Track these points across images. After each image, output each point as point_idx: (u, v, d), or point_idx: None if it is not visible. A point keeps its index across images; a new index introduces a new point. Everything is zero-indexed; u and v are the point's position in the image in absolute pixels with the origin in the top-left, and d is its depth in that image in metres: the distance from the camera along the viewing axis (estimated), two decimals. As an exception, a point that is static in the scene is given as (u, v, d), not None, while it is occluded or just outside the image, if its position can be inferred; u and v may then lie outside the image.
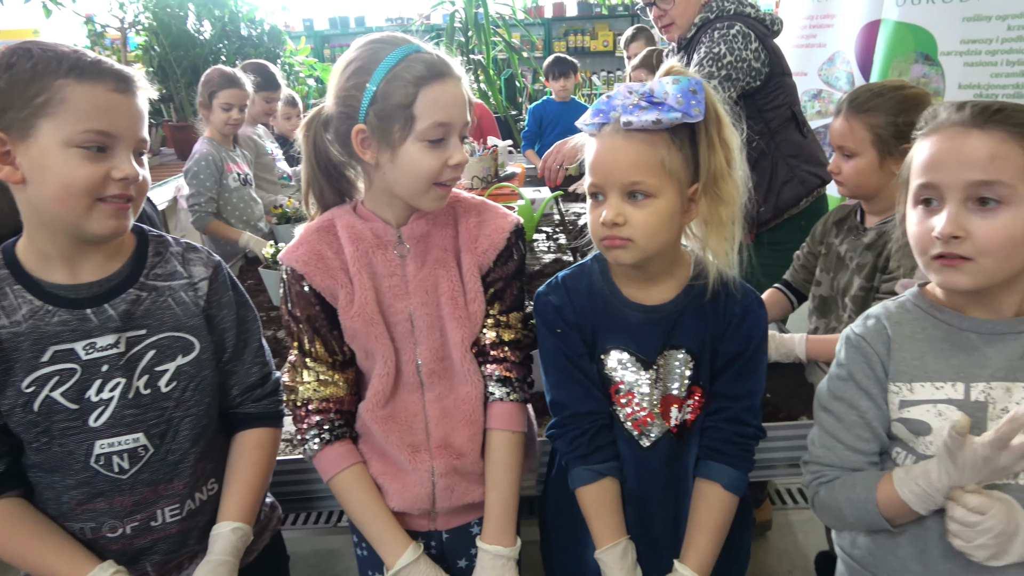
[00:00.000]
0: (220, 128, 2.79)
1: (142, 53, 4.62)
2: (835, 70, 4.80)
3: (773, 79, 2.15)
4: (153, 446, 1.05)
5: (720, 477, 1.10)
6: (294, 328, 1.14)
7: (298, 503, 1.40)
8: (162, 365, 1.05)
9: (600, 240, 1.05)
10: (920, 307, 1.00)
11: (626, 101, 1.00)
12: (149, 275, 1.07)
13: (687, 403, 1.11)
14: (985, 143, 0.87)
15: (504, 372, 1.15)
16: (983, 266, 0.88)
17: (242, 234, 2.74)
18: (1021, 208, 0.86)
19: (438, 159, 1.04)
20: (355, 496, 1.14)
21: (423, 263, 1.13)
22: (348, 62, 1.05)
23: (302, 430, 1.15)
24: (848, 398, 1.02)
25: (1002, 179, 0.86)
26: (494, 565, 1.12)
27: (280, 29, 4.98)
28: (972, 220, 0.88)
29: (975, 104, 0.90)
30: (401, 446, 1.15)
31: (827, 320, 1.66)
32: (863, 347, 1.01)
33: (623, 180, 1.00)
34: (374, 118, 1.02)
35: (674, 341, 1.10)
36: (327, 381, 1.15)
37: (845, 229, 1.63)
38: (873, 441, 1.02)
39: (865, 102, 1.47)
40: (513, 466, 1.15)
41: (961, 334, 0.96)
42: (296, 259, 1.11)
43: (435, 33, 6.04)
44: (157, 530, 1.07)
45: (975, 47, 3.89)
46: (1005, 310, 0.95)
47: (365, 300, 1.11)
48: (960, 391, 0.95)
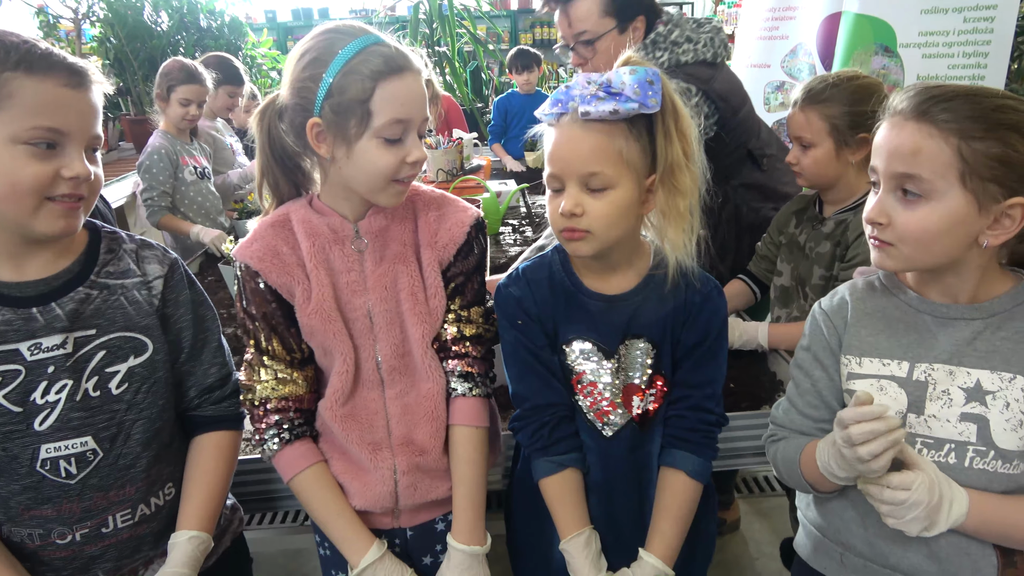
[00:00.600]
0: (176, 123, 2.73)
1: (97, 45, 4.50)
2: (797, 62, 4.85)
3: (725, 125, 1.89)
4: (103, 450, 1.01)
5: (684, 465, 1.11)
6: (250, 326, 1.11)
7: (261, 503, 1.37)
8: (113, 366, 1.02)
9: (559, 231, 1.04)
10: (886, 286, 1.04)
11: (584, 91, 0.99)
12: (101, 273, 1.03)
13: (649, 392, 1.12)
14: (912, 137, 0.89)
15: (466, 367, 1.14)
16: (902, 252, 0.93)
17: (192, 226, 2.69)
18: (940, 203, 0.89)
19: (396, 156, 1.02)
20: (316, 496, 1.12)
21: (382, 258, 1.11)
22: (304, 51, 1.02)
23: (260, 430, 1.12)
24: (805, 367, 1.08)
25: (921, 174, 0.89)
26: (469, 564, 1.11)
27: (241, 20, 4.88)
28: (897, 208, 0.92)
29: (923, 91, 0.91)
30: (362, 444, 1.13)
31: (788, 309, 1.67)
32: (824, 321, 1.07)
33: (581, 170, 1.00)
34: (329, 112, 1.00)
35: (635, 330, 1.10)
36: (285, 379, 1.12)
37: (805, 219, 1.64)
38: (822, 409, 1.06)
39: (820, 93, 1.49)
40: (478, 461, 1.14)
41: (918, 315, 0.99)
42: (250, 255, 1.08)
43: (399, 25, 5.98)
44: (108, 536, 1.04)
45: (933, 39, 3.96)
46: (959, 295, 0.97)
47: (323, 297, 1.08)
48: (904, 370, 0.98)
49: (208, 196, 2.85)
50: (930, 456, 0.96)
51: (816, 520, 1.12)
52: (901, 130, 0.91)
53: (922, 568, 0.99)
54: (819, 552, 1.12)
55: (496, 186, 2.90)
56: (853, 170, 1.52)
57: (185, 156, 2.76)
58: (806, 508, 1.16)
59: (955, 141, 0.87)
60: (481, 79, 6.55)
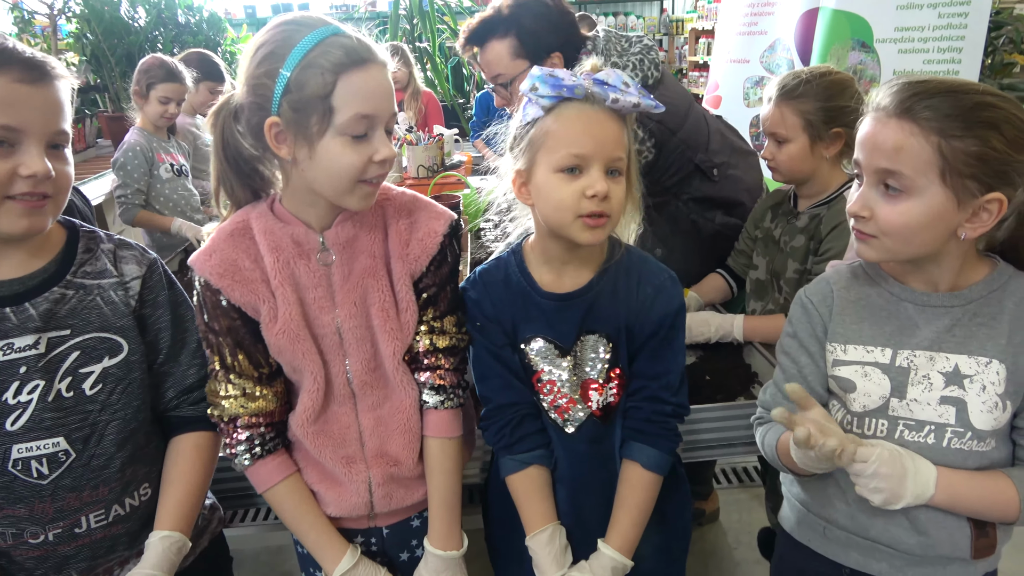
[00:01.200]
0: (155, 120, 2.71)
1: (73, 41, 4.45)
2: (776, 57, 4.88)
3: (664, 148, 1.83)
4: (75, 451, 1.00)
5: (640, 456, 1.12)
6: (213, 341, 1.06)
7: (241, 499, 1.37)
8: (87, 367, 1.00)
9: (579, 216, 1.00)
10: (868, 274, 1.06)
11: (579, 82, 1.00)
12: (77, 273, 1.02)
13: (608, 386, 1.13)
14: (895, 134, 0.91)
15: (437, 380, 1.11)
16: (885, 244, 0.95)
17: (173, 220, 2.67)
18: (920, 199, 0.91)
19: (362, 155, 0.96)
20: (289, 508, 1.12)
21: (350, 272, 1.06)
22: (259, 45, 0.96)
23: (230, 444, 1.09)
24: (792, 353, 1.11)
25: (903, 171, 0.91)
26: (445, 568, 1.12)
27: (220, 16, 4.84)
28: (879, 202, 0.94)
29: (906, 88, 0.93)
30: (335, 459, 1.11)
31: (764, 303, 1.69)
32: (808, 308, 1.09)
33: (610, 154, 1.00)
34: (288, 110, 0.93)
35: (589, 326, 1.11)
36: (253, 395, 1.07)
37: (780, 213, 1.67)
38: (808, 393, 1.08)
39: (794, 89, 1.51)
40: (452, 470, 1.14)
41: (900, 303, 1.02)
42: (210, 271, 1.02)
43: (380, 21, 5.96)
44: (82, 536, 1.03)
45: (908, 34, 4.00)
46: (939, 284, 1.00)
47: (289, 316, 1.04)
48: (887, 356, 1.02)
49: (184, 194, 2.82)
50: (911, 437, 1.00)
51: (800, 495, 1.16)
52: (884, 126, 0.92)
53: (901, 539, 1.03)
54: (803, 525, 1.16)
55: (477, 182, 2.90)
56: (827, 165, 1.54)
57: (162, 153, 2.74)
58: (790, 484, 1.20)
59: (936, 139, 0.89)
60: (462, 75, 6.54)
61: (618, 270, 1.11)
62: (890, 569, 1.06)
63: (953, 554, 1.02)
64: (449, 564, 1.13)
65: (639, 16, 7.64)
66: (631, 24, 7.56)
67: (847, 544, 1.09)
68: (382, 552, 1.21)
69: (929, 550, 1.02)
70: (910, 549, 1.03)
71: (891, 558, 1.06)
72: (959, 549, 1.02)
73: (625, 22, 7.56)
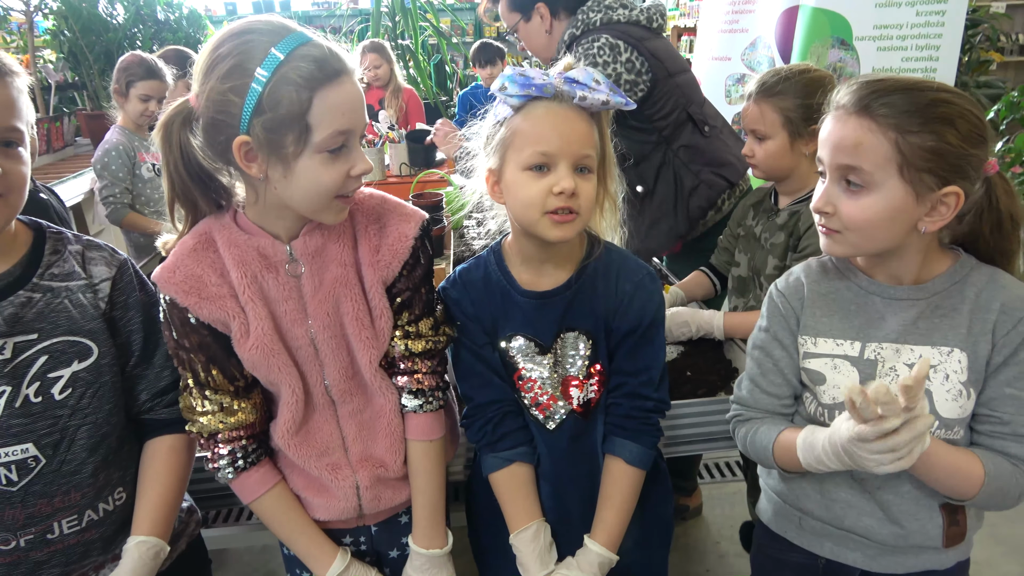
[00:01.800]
0: (135, 119, 2.68)
1: (51, 38, 4.39)
2: (757, 55, 4.91)
3: (658, 84, 1.95)
4: (45, 457, 0.98)
5: (622, 452, 1.13)
6: (184, 357, 1.03)
7: (223, 499, 1.37)
8: (55, 371, 0.98)
9: (546, 212, 1.01)
10: (838, 268, 1.09)
11: (549, 80, 1.01)
12: (44, 275, 0.99)
13: (588, 383, 1.14)
14: (855, 131, 0.94)
15: (415, 384, 1.10)
16: (848, 239, 0.98)
17: (162, 224, 2.64)
18: (880, 194, 0.93)
19: (340, 171, 0.93)
20: (277, 518, 1.11)
21: (320, 283, 1.03)
22: (219, 56, 0.89)
23: (212, 459, 1.08)
24: (766, 347, 1.12)
25: (863, 166, 0.93)
26: (430, 566, 1.12)
27: (200, 13, 4.81)
28: (841, 198, 0.96)
29: (864, 86, 0.95)
30: (320, 467, 1.10)
31: (745, 299, 1.71)
32: (781, 303, 1.11)
33: (578, 152, 1.01)
34: (261, 130, 0.88)
35: (568, 324, 1.12)
36: (231, 409, 1.05)
37: (761, 211, 1.68)
38: (786, 387, 1.11)
39: (774, 86, 1.52)
40: (435, 471, 1.14)
41: (868, 297, 1.05)
42: (174, 288, 0.99)
43: (362, 18, 5.93)
44: (54, 542, 1.01)
45: (887, 32, 4.05)
46: (904, 278, 1.03)
47: (262, 331, 1.01)
48: (856, 349, 1.04)
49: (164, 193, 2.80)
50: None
51: (777, 487, 1.19)
52: (844, 124, 0.95)
53: (874, 529, 1.05)
54: (779, 516, 1.19)
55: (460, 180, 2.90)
56: (806, 162, 1.56)
57: (143, 152, 2.71)
58: (767, 476, 1.23)
59: (893, 135, 0.91)
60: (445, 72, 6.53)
61: (597, 268, 1.11)
62: (864, 559, 1.09)
63: (925, 543, 1.05)
64: (434, 562, 1.13)
65: (622, 14, 7.68)
66: (614, 22, 7.60)
67: (822, 534, 1.12)
68: (371, 550, 1.21)
69: (901, 540, 1.05)
70: (883, 539, 1.05)
71: (864, 548, 1.08)
72: (931, 538, 1.04)
73: (608, 20, 7.59)
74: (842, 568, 1.12)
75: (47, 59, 4.60)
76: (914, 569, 1.08)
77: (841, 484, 1.07)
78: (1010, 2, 6.11)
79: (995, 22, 5.42)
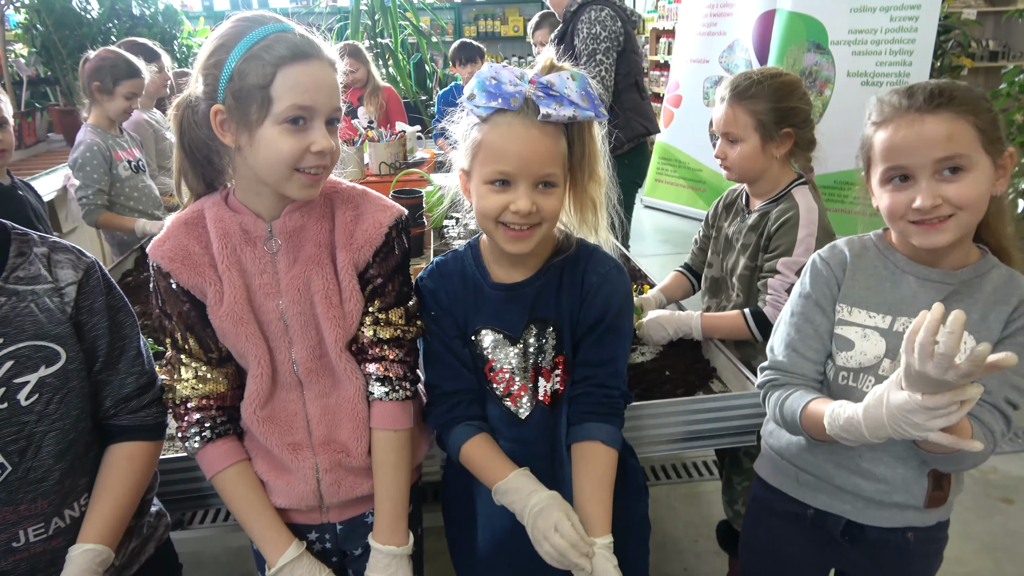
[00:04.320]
0: (117, 116, 2.65)
1: (23, 32, 4.33)
2: (734, 57, 4.97)
3: (624, 54, 3.06)
4: (11, 464, 0.96)
5: (599, 434, 1.13)
6: (167, 324, 1.09)
7: (198, 501, 1.36)
8: (22, 377, 0.96)
9: (501, 225, 1.05)
10: (879, 247, 1.16)
11: (519, 88, 1.01)
12: (9, 278, 0.97)
13: (554, 373, 1.16)
14: (941, 125, 1.00)
15: (383, 371, 1.11)
16: (961, 220, 1.02)
17: (136, 221, 2.62)
18: (979, 168, 1.01)
19: (298, 144, 0.99)
20: (237, 495, 1.11)
21: (295, 260, 1.08)
22: (214, 39, 1.00)
23: (182, 427, 1.09)
24: (807, 313, 1.17)
25: (961, 152, 1.00)
26: (387, 564, 1.12)
27: (176, 9, 4.76)
28: (943, 188, 1.01)
29: (923, 90, 1.02)
30: (282, 446, 1.12)
31: (718, 299, 1.73)
32: (825, 270, 1.17)
33: (539, 172, 1.02)
34: (231, 98, 0.98)
35: (536, 314, 1.14)
36: (205, 378, 1.10)
37: (733, 212, 1.70)
38: (823, 351, 1.17)
39: (746, 90, 1.54)
40: (398, 464, 1.14)
41: (903, 276, 1.12)
42: (162, 255, 1.06)
43: (341, 16, 5.90)
44: (20, 551, 0.99)
45: (862, 36, 4.11)
46: (942, 262, 1.10)
47: (235, 299, 1.06)
48: (887, 323, 1.12)
49: (144, 190, 2.77)
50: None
51: (776, 445, 1.28)
52: (923, 124, 1.01)
53: (861, 487, 1.16)
54: (777, 471, 1.29)
55: (440, 179, 2.90)
56: (777, 164, 1.58)
57: (118, 150, 2.68)
58: (768, 436, 1.31)
59: (971, 118, 1.01)
60: (425, 71, 6.52)
61: (566, 261, 1.14)
62: (853, 510, 1.18)
63: (908, 502, 1.15)
64: (391, 561, 1.12)
65: (601, 15, 7.72)
66: (593, 23, 7.63)
67: (816, 488, 1.21)
68: (336, 549, 1.21)
69: (886, 496, 1.15)
70: (870, 495, 1.15)
71: (854, 500, 1.18)
72: (914, 498, 1.14)
73: (587, 20, 7.63)
74: (829, 516, 1.21)
75: (19, 53, 4.53)
76: (898, 524, 1.17)
77: (835, 448, 1.14)
78: (981, 9, 6.23)
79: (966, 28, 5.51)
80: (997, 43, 6.56)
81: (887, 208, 1.07)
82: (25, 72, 4.19)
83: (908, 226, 1.05)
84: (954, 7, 5.82)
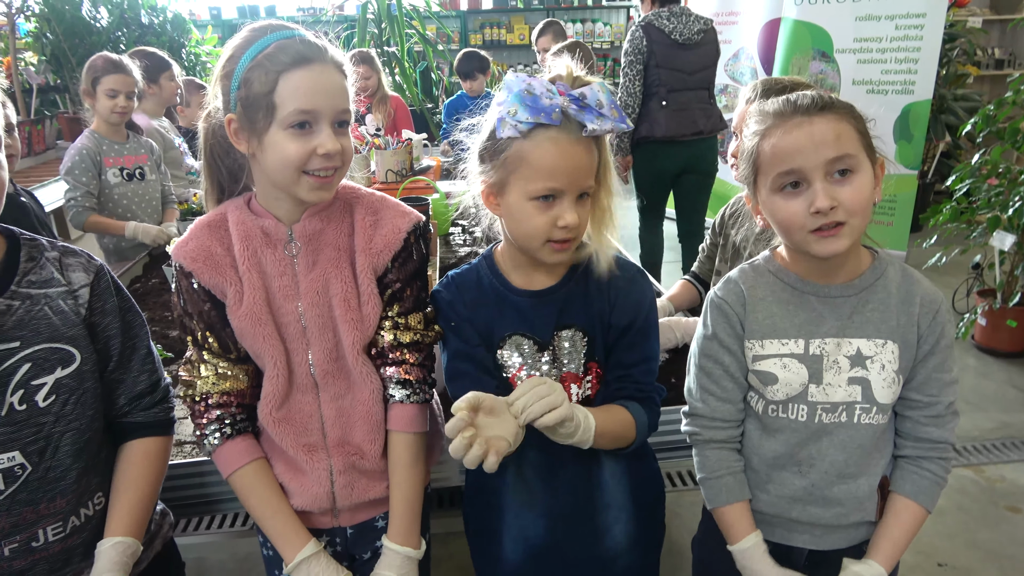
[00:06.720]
0: (107, 117, 2.64)
1: (33, 40, 4.37)
2: (740, 65, 4.97)
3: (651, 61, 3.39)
4: (31, 464, 0.98)
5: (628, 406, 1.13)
6: (188, 323, 1.11)
7: (200, 507, 1.36)
8: (39, 379, 0.98)
9: (548, 241, 1.05)
10: (771, 271, 1.14)
11: (556, 102, 1.00)
12: (22, 283, 0.99)
13: (586, 379, 1.15)
14: (829, 125, 1.00)
15: (403, 375, 1.13)
16: (853, 226, 1.01)
17: (126, 224, 2.61)
18: (864, 170, 1.01)
19: (303, 146, 1.01)
20: (254, 493, 1.12)
21: (314, 263, 1.10)
22: (226, 50, 1.04)
23: (201, 425, 1.11)
24: (713, 355, 1.15)
25: (850, 151, 1.00)
26: (400, 564, 1.12)
27: (184, 17, 4.79)
28: (836, 191, 1.00)
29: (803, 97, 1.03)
30: (297, 447, 1.13)
31: (727, 307, 1.73)
32: (724, 308, 1.14)
33: (583, 184, 1.04)
34: (240, 106, 1.01)
35: (565, 321, 1.14)
36: (225, 375, 1.11)
37: (739, 220, 1.70)
38: (738, 391, 1.16)
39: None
40: (415, 466, 1.15)
41: (803, 296, 1.11)
42: (184, 255, 1.09)
43: (347, 24, 5.93)
44: (38, 550, 1.01)
45: (867, 45, 4.11)
46: (837, 276, 1.09)
47: (254, 300, 1.08)
48: (801, 346, 1.09)
49: (134, 199, 2.73)
50: (828, 419, 1.09)
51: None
52: (811, 125, 1.00)
53: (818, 515, 1.13)
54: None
55: (446, 187, 2.91)
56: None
57: (110, 157, 2.67)
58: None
59: (852, 121, 1.02)
60: (431, 79, 6.55)
61: (589, 267, 1.13)
62: (812, 539, 1.17)
63: (863, 519, 1.14)
64: (404, 562, 1.12)
65: (606, 23, 7.72)
66: (598, 31, 7.64)
67: (772, 524, 1.18)
68: (346, 553, 1.21)
69: (844, 519, 1.13)
70: (828, 521, 1.13)
71: (811, 530, 1.16)
72: (868, 514, 1.13)
73: (592, 29, 7.64)
74: (793, 550, 1.18)
75: (29, 61, 4.56)
76: (855, 541, 1.16)
77: (787, 483, 1.13)
78: (986, 17, 6.23)
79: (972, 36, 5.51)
80: (1003, 51, 6.55)
81: (785, 219, 1.03)
82: (35, 80, 4.22)
83: (807, 236, 1.02)
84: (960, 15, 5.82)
